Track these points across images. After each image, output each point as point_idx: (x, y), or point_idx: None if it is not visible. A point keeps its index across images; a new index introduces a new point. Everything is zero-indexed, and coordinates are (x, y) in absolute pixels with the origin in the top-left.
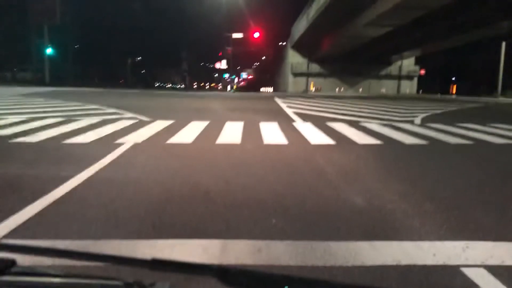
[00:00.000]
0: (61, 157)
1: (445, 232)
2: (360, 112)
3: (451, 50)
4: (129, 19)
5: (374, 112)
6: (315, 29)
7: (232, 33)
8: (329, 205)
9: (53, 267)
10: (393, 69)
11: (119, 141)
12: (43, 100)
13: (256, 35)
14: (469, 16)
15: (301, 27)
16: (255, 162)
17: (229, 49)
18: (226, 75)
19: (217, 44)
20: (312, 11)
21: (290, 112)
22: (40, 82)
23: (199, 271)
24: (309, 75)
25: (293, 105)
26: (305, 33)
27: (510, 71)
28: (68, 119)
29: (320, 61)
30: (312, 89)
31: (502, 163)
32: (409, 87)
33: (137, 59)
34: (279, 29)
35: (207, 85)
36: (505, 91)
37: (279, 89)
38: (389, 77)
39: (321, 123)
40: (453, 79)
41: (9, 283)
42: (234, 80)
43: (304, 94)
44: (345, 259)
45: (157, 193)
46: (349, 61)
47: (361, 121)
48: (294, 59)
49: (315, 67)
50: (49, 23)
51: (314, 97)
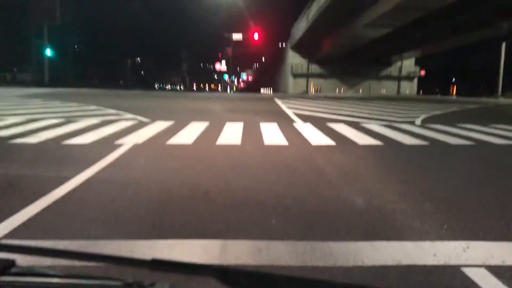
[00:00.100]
0: (61, 158)
1: (445, 232)
2: (360, 113)
3: (451, 51)
4: (129, 19)
5: (374, 113)
6: (315, 30)
7: (232, 34)
8: (329, 205)
9: (53, 267)
10: (393, 70)
11: (119, 142)
12: (42, 101)
13: (256, 36)
14: (469, 16)
15: (301, 28)
16: (255, 162)
17: (229, 50)
18: (226, 76)
19: (217, 45)
20: (312, 12)
21: (290, 113)
22: (39, 83)
23: (199, 271)
24: (309, 76)
25: (293, 106)
26: (305, 34)
27: (510, 72)
28: (67, 120)
29: (320, 62)
30: (312, 90)
31: (502, 164)
32: (409, 88)
33: (137, 59)
34: (279, 30)
35: (207, 87)
36: (505, 92)
37: (279, 90)
38: (389, 78)
39: (321, 124)
40: (453, 80)
41: (9, 283)
42: (234, 81)
43: (304, 95)
44: (345, 259)
45: (157, 194)
46: (349, 62)
47: (361, 122)
48: (294, 60)
49: (315, 68)
50: (49, 23)
51: (314, 98)
